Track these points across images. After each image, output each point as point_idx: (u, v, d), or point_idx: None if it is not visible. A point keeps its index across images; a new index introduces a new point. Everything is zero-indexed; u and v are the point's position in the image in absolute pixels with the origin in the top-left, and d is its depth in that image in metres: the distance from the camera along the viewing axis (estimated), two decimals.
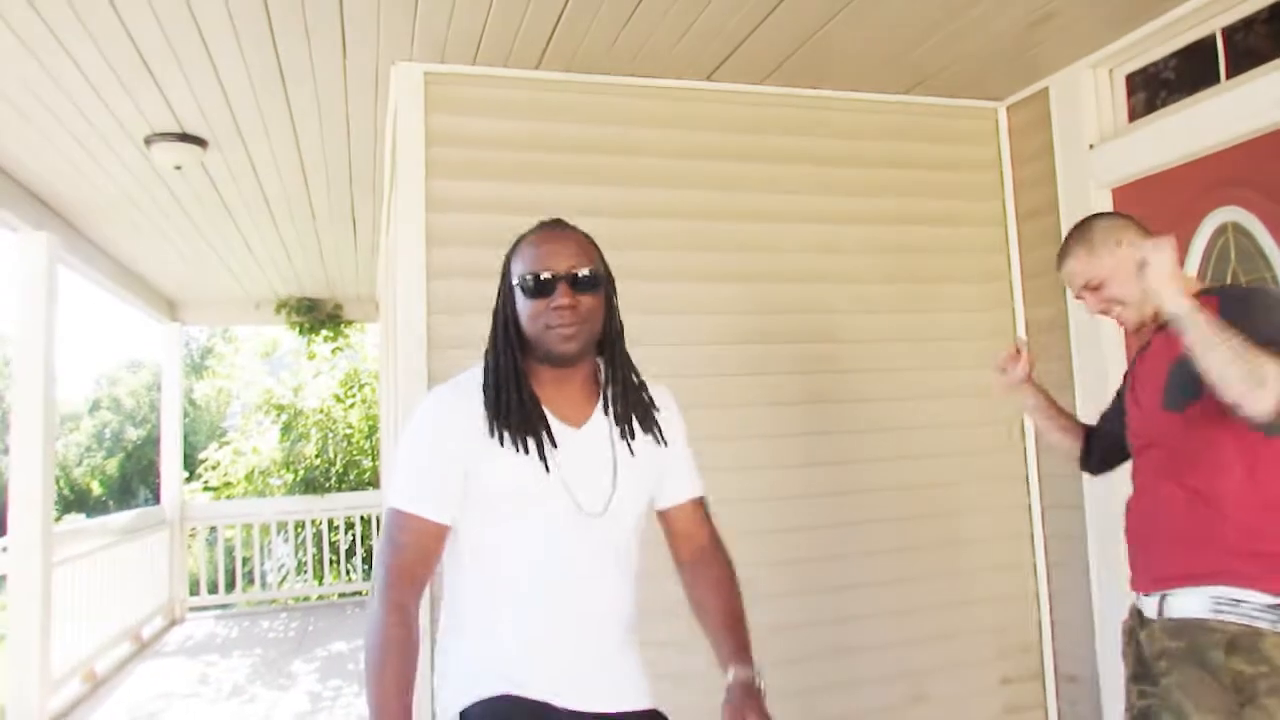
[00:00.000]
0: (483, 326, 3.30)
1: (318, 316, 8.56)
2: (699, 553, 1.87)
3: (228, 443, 10.38)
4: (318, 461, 9.45)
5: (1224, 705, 1.88)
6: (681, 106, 3.70)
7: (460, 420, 1.66)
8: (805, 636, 3.65)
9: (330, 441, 9.56)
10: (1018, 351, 2.51)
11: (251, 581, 8.38)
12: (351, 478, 9.63)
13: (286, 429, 9.61)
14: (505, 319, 1.74)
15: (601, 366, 1.82)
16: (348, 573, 8.83)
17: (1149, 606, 2.10)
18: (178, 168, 4.40)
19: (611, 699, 1.70)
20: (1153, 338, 2.23)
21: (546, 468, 1.65)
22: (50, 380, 5.07)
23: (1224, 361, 1.75)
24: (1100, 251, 2.21)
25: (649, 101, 3.66)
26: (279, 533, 8.64)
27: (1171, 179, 3.44)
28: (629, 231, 3.57)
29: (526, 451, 1.64)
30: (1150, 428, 2.17)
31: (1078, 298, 2.29)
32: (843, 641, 3.72)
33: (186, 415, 8.60)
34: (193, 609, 8.10)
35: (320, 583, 8.74)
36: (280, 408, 9.75)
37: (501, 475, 1.64)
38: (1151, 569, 2.12)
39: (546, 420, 1.69)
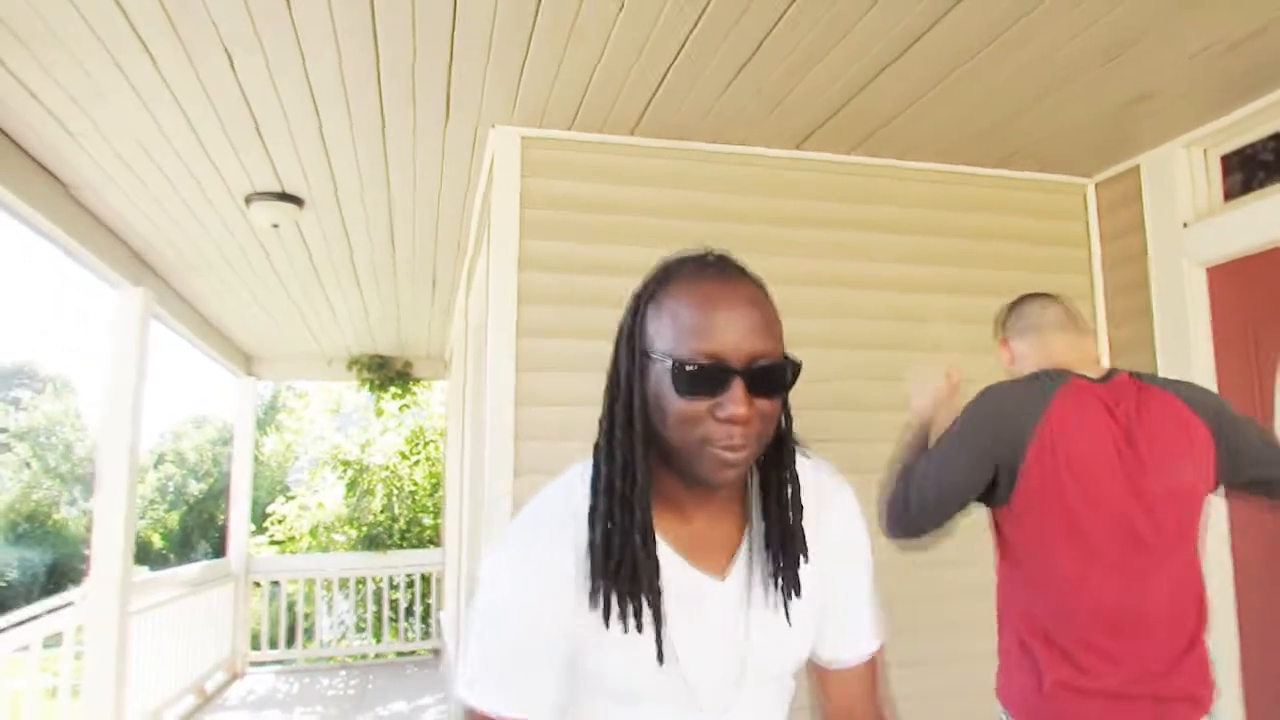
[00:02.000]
0: (568, 384, 3.39)
1: (387, 374, 8.69)
2: None
3: (294, 497, 10.51)
4: (382, 518, 9.52)
5: None
6: (770, 174, 3.75)
7: (552, 583, 1.16)
8: None
9: (395, 498, 9.64)
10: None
11: (311, 637, 8.39)
12: (413, 535, 9.67)
13: (352, 485, 9.72)
14: (631, 401, 1.17)
15: (755, 476, 1.26)
16: (406, 631, 8.81)
17: None
18: (275, 226, 4.54)
19: None
20: None
21: (661, 658, 1.15)
22: (137, 432, 5.20)
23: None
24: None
25: (739, 168, 3.72)
26: (340, 588, 8.67)
27: (1271, 259, 3.39)
28: None
29: (640, 630, 1.14)
30: None
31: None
32: None
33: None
34: (253, 663, 8.13)
35: (378, 640, 8.73)
36: (347, 463, 9.88)
37: (607, 660, 1.17)
38: None
39: (666, 582, 1.17)
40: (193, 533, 28.55)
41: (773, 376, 1.11)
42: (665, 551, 1.18)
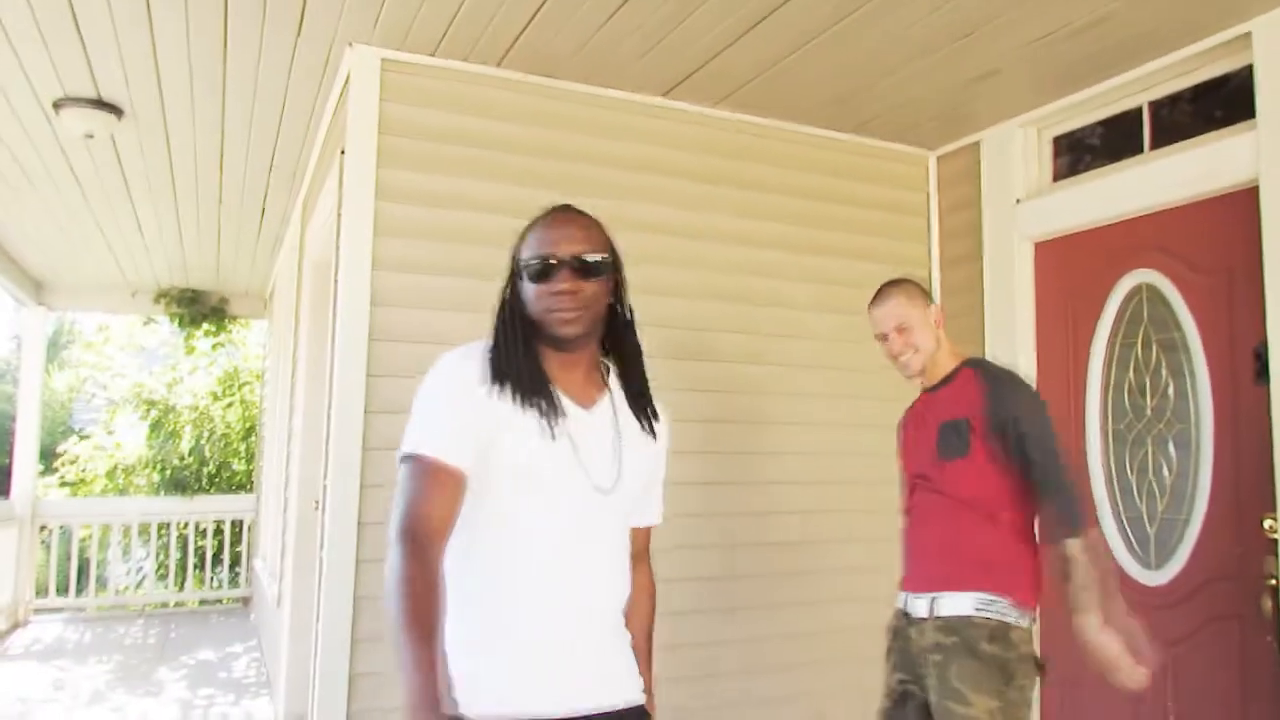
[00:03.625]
0: (427, 321, 3.27)
1: (200, 309, 8.17)
2: (636, 570, 1.84)
3: (87, 437, 9.76)
4: (189, 461, 8.98)
5: (993, 686, 2.31)
6: (635, 120, 3.73)
7: (475, 380, 1.63)
8: (709, 655, 3.67)
9: (205, 441, 9.11)
10: None
11: (103, 585, 7.85)
12: (223, 479, 9.18)
13: (156, 426, 9.11)
14: (512, 300, 1.73)
15: (608, 358, 1.83)
16: (212, 580, 8.38)
17: (919, 607, 2.52)
18: (89, 136, 4.14)
19: (607, 692, 1.66)
20: (922, 397, 2.74)
21: (553, 435, 1.62)
22: None
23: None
24: (916, 302, 2.66)
25: (604, 112, 3.67)
26: (140, 535, 8.14)
27: (1092, 239, 3.65)
28: None
29: (539, 414, 1.62)
30: (924, 468, 2.63)
31: (881, 338, 2.70)
32: (748, 662, 3.76)
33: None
34: (38, 610, 7.55)
35: (181, 589, 8.26)
36: (151, 403, 9.24)
37: (515, 444, 1.61)
38: (923, 575, 2.57)
39: (551, 389, 1.67)
40: None
41: (587, 266, 1.66)
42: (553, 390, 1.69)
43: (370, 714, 3.09)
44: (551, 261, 1.65)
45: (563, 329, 1.65)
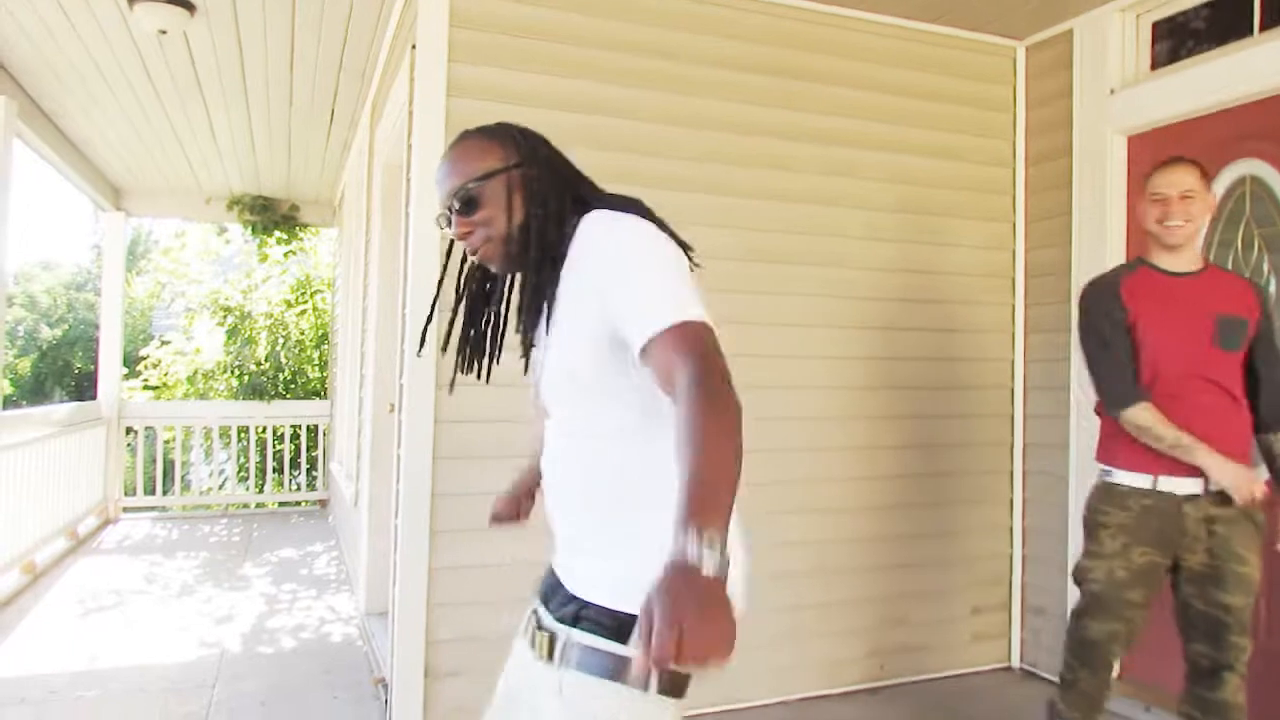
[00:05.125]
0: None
1: (272, 217, 8.24)
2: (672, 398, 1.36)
3: (168, 342, 10.02)
4: (265, 366, 9.18)
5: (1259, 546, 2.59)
6: (710, 11, 3.59)
7: None
8: (793, 554, 3.68)
9: (280, 347, 9.29)
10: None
11: (188, 485, 8.13)
12: (299, 385, 9.39)
13: (233, 332, 9.31)
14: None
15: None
16: (291, 482, 8.64)
17: (1189, 485, 2.57)
18: (162, 32, 4.13)
19: (567, 577, 1.53)
20: (1168, 279, 2.67)
21: (526, 369, 1.66)
22: (3, 258, 4.79)
23: None
24: (1204, 181, 2.66)
25: (679, 3, 3.55)
26: (220, 437, 8.39)
27: (1192, 129, 3.46)
28: (652, 136, 3.48)
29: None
30: (1190, 349, 2.62)
31: (1160, 200, 2.63)
32: (827, 563, 3.77)
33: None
34: (126, 509, 7.86)
35: (261, 490, 8.54)
36: (227, 309, 9.43)
37: None
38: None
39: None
40: (46, 379, 27.16)
41: (466, 203, 1.52)
42: None
43: (449, 607, 3.16)
44: (439, 214, 1.59)
45: (489, 268, 1.62)
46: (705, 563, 1.05)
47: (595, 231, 1.45)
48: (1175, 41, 3.62)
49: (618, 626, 1.36)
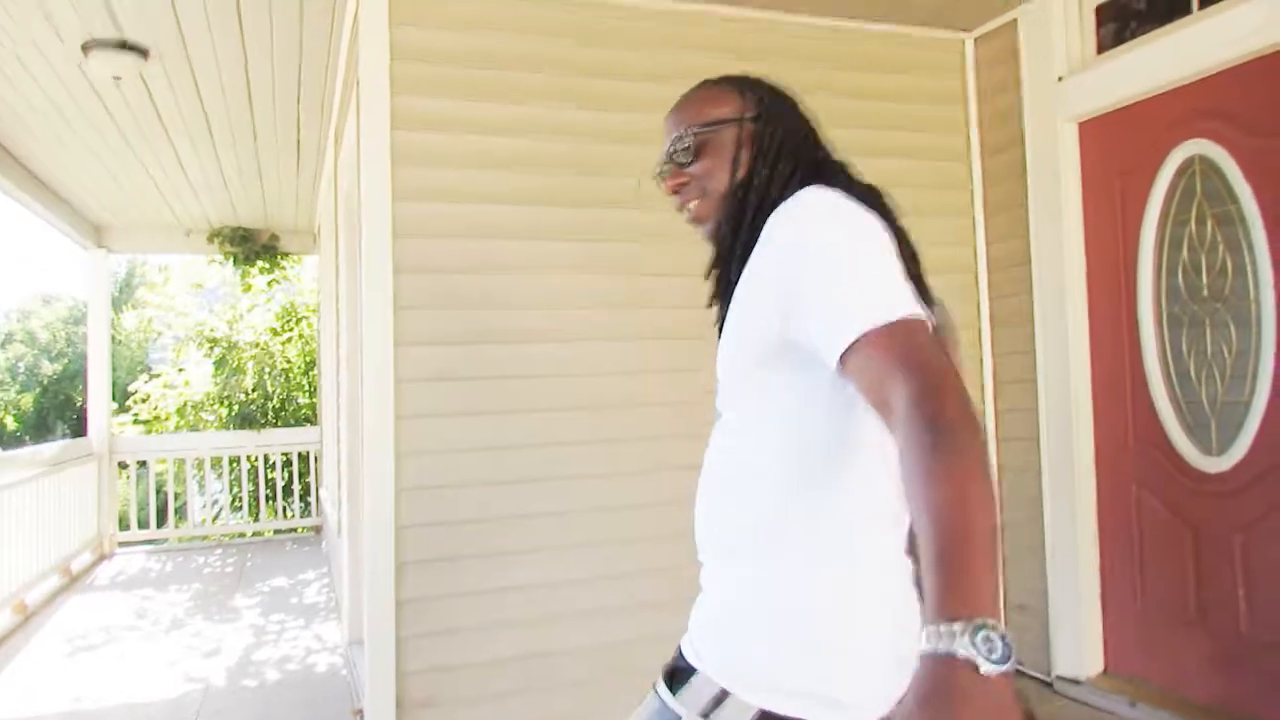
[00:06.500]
0: (447, 250, 3.25)
1: (253, 247, 8.25)
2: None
3: (158, 375, 10.05)
4: (254, 396, 9.21)
5: None
6: (656, 28, 3.60)
7: None
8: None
9: (267, 376, 9.31)
10: None
11: (183, 517, 8.16)
12: (289, 413, 9.41)
13: (220, 363, 9.33)
14: None
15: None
16: (284, 509, 8.66)
17: None
18: (117, 79, 4.15)
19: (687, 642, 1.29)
20: None
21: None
22: None
23: None
24: None
25: (623, 22, 3.56)
26: (213, 468, 8.42)
27: (1140, 112, 3.47)
28: (600, 155, 3.49)
29: None
30: None
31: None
32: None
33: (110, 347, 8.25)
34: (122, 544, 7.88)
35: (255, 519, 8.56)
36: (214, 340, 9.46)
37: None
38: None
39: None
40: (48, 414, 27.22)
41: (685, 151, 1.40)
42: None
43: (419, 638, 3.16)
44: (658, 164, 1.46)
45: (690, 224, 1.45)
46: (979, 657, 0.80)
47: (797, 211, 1.20)
48: (1119, 25, 3.63)
49: None
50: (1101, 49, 3.68)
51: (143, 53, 4.03)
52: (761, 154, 1.34)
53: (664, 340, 3.50)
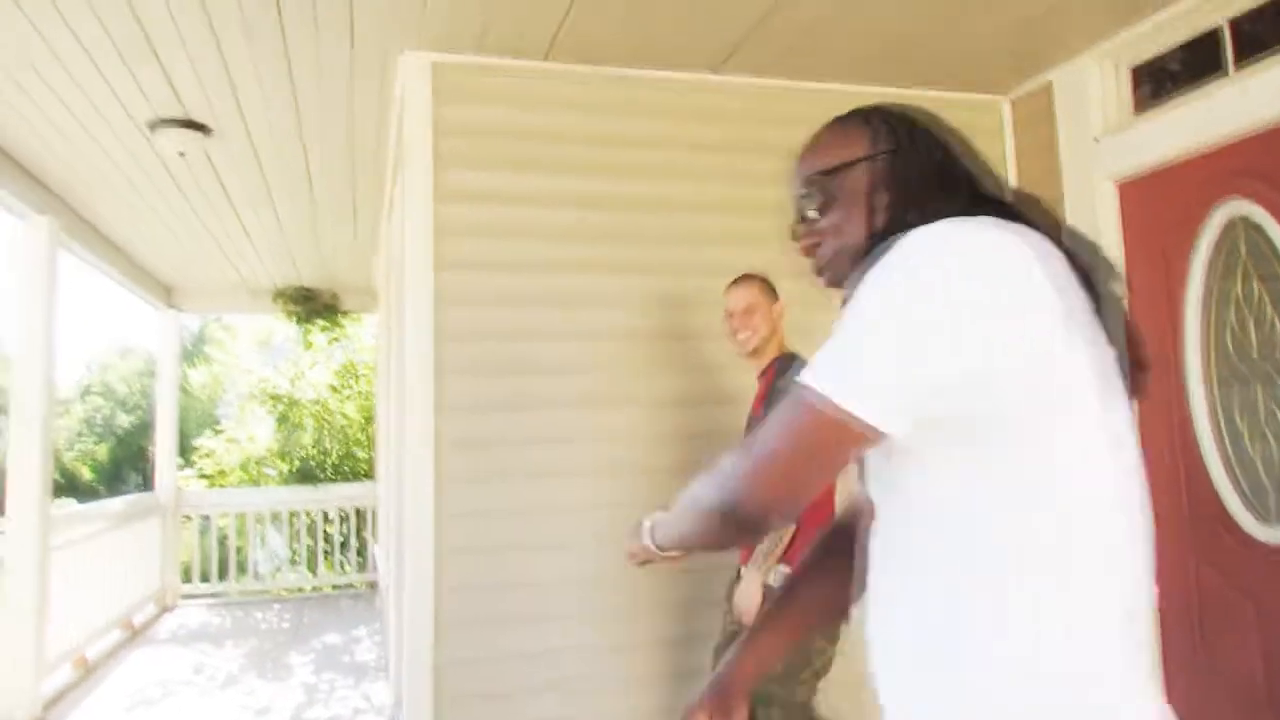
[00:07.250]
0: (489, 317, 3.34)
1: (314, 306, 8.51)
2: None
3: (222, 431, 10.34)
4: (313, 452, 9.42)
5: None
6: (687, 99, 3.69)
7: None
8: None
9: (326, 432, 9.53)
10: None
11: (244, 571, 8.34)
12: (347, 468, 9.60)
13: (282, 419, 9.58)
14: None
15: None
16: (342, 564, 8.80)
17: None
18: (182, 154, 4.37)
19: None
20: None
21: None
22: (50, 366, 5.05)
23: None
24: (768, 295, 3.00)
25: (656, 94, 3.66)
26: (273, 522, 8.61)
27: (1179, 172, 3.44)
28: (637, 224, 3.57)
29: None
30: None
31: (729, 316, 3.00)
32: None
33: (179, 402, 8.53)
34: (184, 597, 8.06)
35: (314, 574, 8.71)
36: (276, 397, 9.72)
37: None
38: None
39: None
40: (123, 465, 28.04)
41: (810, 205, 1.22)
42: None
43: (460, 699, 3.20)
44: (790, 223, 1.26)
45: (817, 281, 1.24)
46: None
47: (890, 255, 0.99)
48: (1155, 85, 3.62)
49: None
50: (1139, 109, 3.67)
51: (205, 129, 4.24)
52: (906, 194, 1.13)
53: (704, 406, 3.54)
